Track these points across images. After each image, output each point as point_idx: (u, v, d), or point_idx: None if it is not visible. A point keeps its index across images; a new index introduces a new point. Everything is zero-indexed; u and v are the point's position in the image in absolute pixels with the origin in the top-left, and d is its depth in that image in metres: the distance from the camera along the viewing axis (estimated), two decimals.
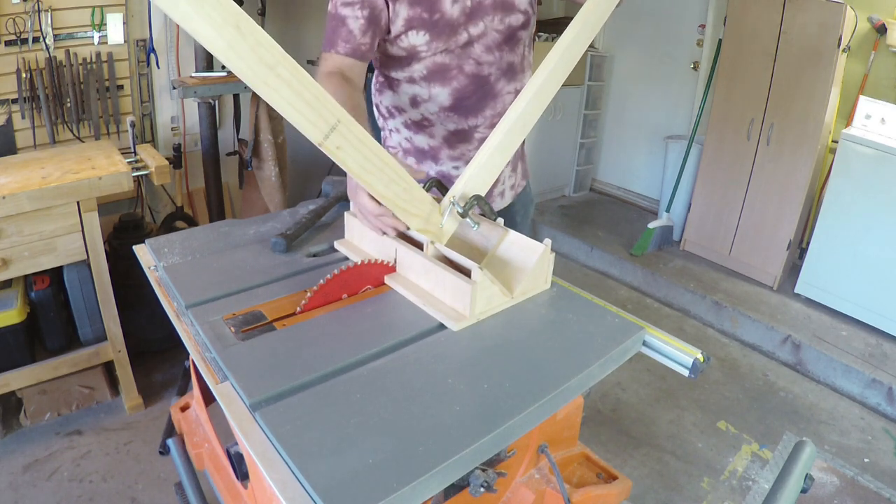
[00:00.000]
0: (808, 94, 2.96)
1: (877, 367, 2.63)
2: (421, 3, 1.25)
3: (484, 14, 1.29)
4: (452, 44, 1.29)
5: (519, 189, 1.65)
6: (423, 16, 1.25)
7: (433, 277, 1.04)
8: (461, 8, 1.26)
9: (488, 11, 1.29)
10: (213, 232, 1.33)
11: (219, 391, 0.84)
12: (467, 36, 1.30)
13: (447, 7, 1.26)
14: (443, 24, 1.26)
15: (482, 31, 1.31)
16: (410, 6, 1.24)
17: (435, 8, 1.25)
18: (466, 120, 1.39)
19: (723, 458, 2.25)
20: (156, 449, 1.88)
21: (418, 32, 1.27)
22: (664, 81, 4.08)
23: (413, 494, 0.68)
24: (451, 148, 1.44)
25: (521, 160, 1.65)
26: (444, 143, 1.44)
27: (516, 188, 1.63)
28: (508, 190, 1.59)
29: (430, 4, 1.25)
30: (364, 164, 0.96)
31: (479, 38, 1.31)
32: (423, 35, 1.27)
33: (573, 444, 1.23)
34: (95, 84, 2.52)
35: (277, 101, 0.84)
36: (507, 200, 1.60)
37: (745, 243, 3.38)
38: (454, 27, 1.28)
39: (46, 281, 2.05)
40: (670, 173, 3.74)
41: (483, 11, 1.29)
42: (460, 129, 1.40)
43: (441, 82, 1.34)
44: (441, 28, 1.27)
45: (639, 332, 1.03)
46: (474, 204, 1.12)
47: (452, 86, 1.34)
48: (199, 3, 0.73)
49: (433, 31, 1.27)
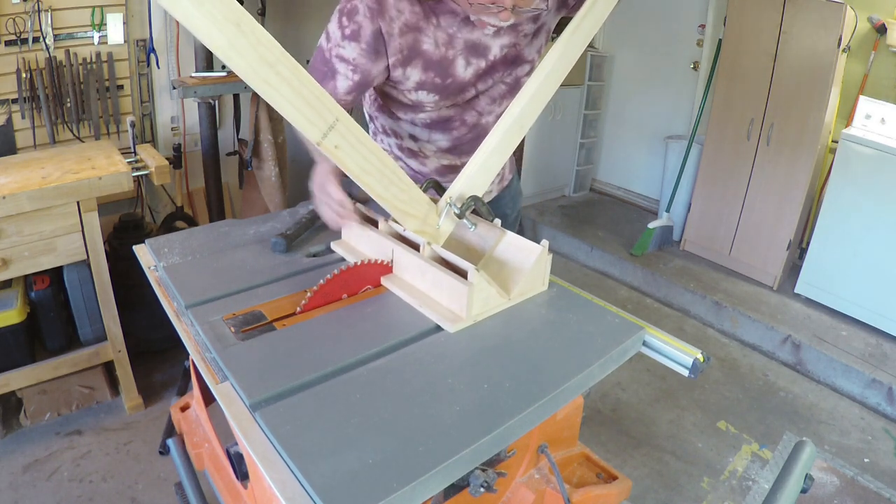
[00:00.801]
0: (808, 93, 2.96)
1: (877, 367, 2.63)
2: (434, 68, 1.20)
3: (494, 73, 1.27)
4: (459, 99, 1.28)
5: (505, 182, 1.61)
6: (435, 80, 1.21)
7: (430, 279, 1.04)
8: (474, 70, 1.24)
9: (499, 69, 1.27)
10: (213, 232, 1.33)
11: (219, 391, 0.84)
12: (475, 91, 1.28)
13: (460, 71, 1.22)
14: (454, 86, 1.24)
15: (489, 86, 1.29)
16: (424, 71, 1.20)
17: (448, 73, 1.21)
18: (460, 158, 1.39)
19: (723, 458, 2.25)
20: (156, 449, 1.88)
21: (428, 93, 1.23)
22: (664, 81, 4.08)
23: (413, 494, 0.68)
24: (442, 176, 1.44)
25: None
26: (435, 172, 1.44)
27: (502, 182, 1.60)
28: (495, 184, 1.56)
29: (444, 69, 1.20)
30: (363, 164, 0.96)
31: (485, 91, 1.30)
32: (432, 96, 1.24)
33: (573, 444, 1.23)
34: (95, 84, 2.52)
35: (277, 99, 0.84)
36: (492, 195, 1.58)
37: (745, 243, 3.38)
38: (464, 87, 1.26)
39: (46, 281, 2.05)
40: (670, 173, 3.74)
41: (494, 70, 1.26)
42: (453, 164, 1.41)
43: (442, 130, 1.33)
44: (451, 90, 1.25)
45: (639, 332, 1.03)
46: (471, 205, 1.12)
47: (452, 134, 1.34)
48: (200, 2, 0.73)
49: (443, 93, 1.24)
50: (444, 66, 1.20)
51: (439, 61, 1.19)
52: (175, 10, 0.73)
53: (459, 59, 1.21)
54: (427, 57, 1.18)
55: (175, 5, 0.73)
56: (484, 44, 1.21)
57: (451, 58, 1.20)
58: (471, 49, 1.21)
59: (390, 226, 1.14)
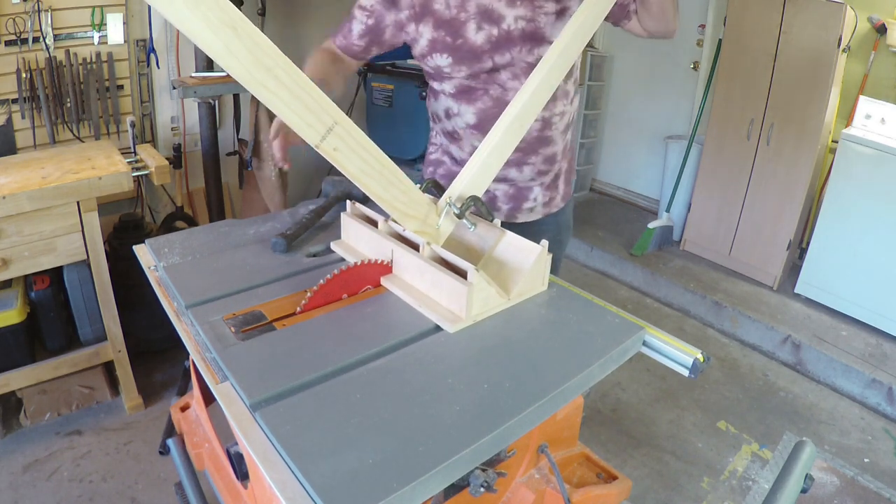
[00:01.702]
0: (808, 93, 2.96)
1: (877, 367, 2.63)
2: (444, 27, 1.26)
3: (511, 45, 1.28)
4: (477, 69, 1.30)
5: (555, 209, 1.55)
6: (446, 39, 1.26)
7: (429, 279, 1.04)
8: (486, 36, 1.26)
9: (516, 42, 1.27)
10: (213, 232, 1.33)
11: (219, 391, 0.84)
12: (492, 63, 1.30)
13: (471, 34, 1.26)
14: (466, 49, 1.27)
15: (509, 61, 1.30)
16: (435, 29, 1.26)
17: (458, 33, 1.26)
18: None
19: (723, 458, 2.25)
20: (156, 449, 1.88)
21: (442, 55, 1.29)
22: (664, 81, 4.07)
23: (413, 494, 0.68)
24: None
25: (562, 178, 1.55)
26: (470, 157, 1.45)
27: (550, 206, 1.54)
28: (541, 206, 1.53)
29: (454, 30, 1.26)
30: (362, 166, 0.96)
31: (505, 66, 1.30)
32: (446, 58, 1.29)
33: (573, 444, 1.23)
34: (95, 84, 2.52)
35: (274, 102, 0.84)
36: (536, 215, 1.54)
37: (745, 243, 3.38)
38: (477, 54, 1.28)
39: (46, 281, 2.05)
40: (670, 173, 3.74)
41: (510, 43, 1.27)
42: None
43: (467, 101, 1.36)
44: (464, 54, 1.28)
45: (639, 332, 1.03)
46: (471, 205, 1.11)
47: (477, 106, 1.35)
48: (195, 4, 0.73)
49: (455, 55, 1.28)
50: (455, 26, 1.26)
51: (450, 21, 1.25)
52: (170, 13, 0.73)
53: (471, 23, 1.26)
54: (438, 16, 1.26)
55: (170, 9, 0.72)
56: (497, 11, 1.25)
57: (463, 20, 1.25)
58: (483, 14, 1.25)
59: (390, 226, 1.14)
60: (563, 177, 1.56)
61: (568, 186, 1.59)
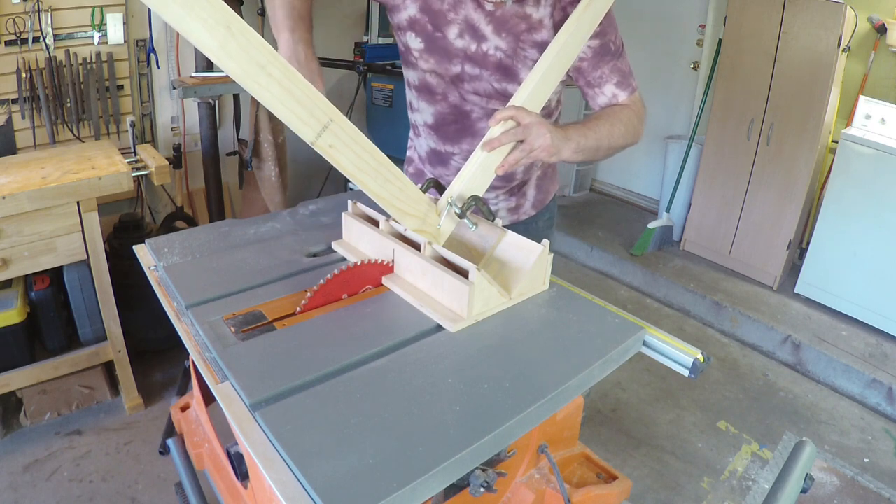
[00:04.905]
0: (808, 93, 2.97)
1: (877, 367, 2.63)
2: (430, 15, 1.24)
3: (483, 66, 1.26)
4: (445, 68, 1.29)
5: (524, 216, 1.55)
6: (427, 26, 1.25)
7: (430, 278, 1.04)
8: (464, 46, 1.25)
9: (488, 67, 1.26)
10: (213, 232, 1.33)
11: (219, 391, 0.84)
12: (461, 70, 1.28)
13: (451, 35, 1.24)
14: (441, 45, 1.26)
15: (477, 76, 1.28)
16: (421, 10, 1.24)
17: (440, 28, 1.24)
18: (444, 144, 1.40)
19: (723, 458, 2.25)
20: (156, 449, 1.88)
21: (416, 37, 1.27)
22: (664, 81, 4.07)
23: (413, 494, 0.68)
24: (430, 163, 1.45)
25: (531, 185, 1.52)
26: (427, 160, 1.46)
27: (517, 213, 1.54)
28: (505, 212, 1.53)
29: (438, 22, 1.24)
30: (358, 163, 0.96)
31: (472, 80, 1.29)
32: (420, 42, 1.27)
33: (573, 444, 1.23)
34: (95, 84, 2.52)
35: (269, 99, 0.84)
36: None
37: (745, 243, 3.38)
38: (450, 55, 1.27)
39: (46, 281, 2.05)
40: (670, 173, 3.74)
41: (484, 65, 1.26)
42: (438, 150, 1.41)
43: (427, 100, 1.36)
44: (438, 47, 1.26)
45: (639, 332, 1.03)
46: (472, 204, 1.11)
47: (435, 108, 1.36)
48: (190, 4, 0.74)
49: (429, 44, 1.27)
50: (440, 20, 1.24)
51: (437, 12, 1.24)
52: (165, 13, 0.74)
53: (455, 27, 1.24)
54: (429, 2, 1.24)
55: (165, 9, 0.73)
56: (482, 31, 1.23)
57: (450, 20, 1.24)
58: (469, 27, 1.24)
59: (391, 225, 1.14)
60: (535, 183, 1.51)
61: (542, 193, 1.54)
